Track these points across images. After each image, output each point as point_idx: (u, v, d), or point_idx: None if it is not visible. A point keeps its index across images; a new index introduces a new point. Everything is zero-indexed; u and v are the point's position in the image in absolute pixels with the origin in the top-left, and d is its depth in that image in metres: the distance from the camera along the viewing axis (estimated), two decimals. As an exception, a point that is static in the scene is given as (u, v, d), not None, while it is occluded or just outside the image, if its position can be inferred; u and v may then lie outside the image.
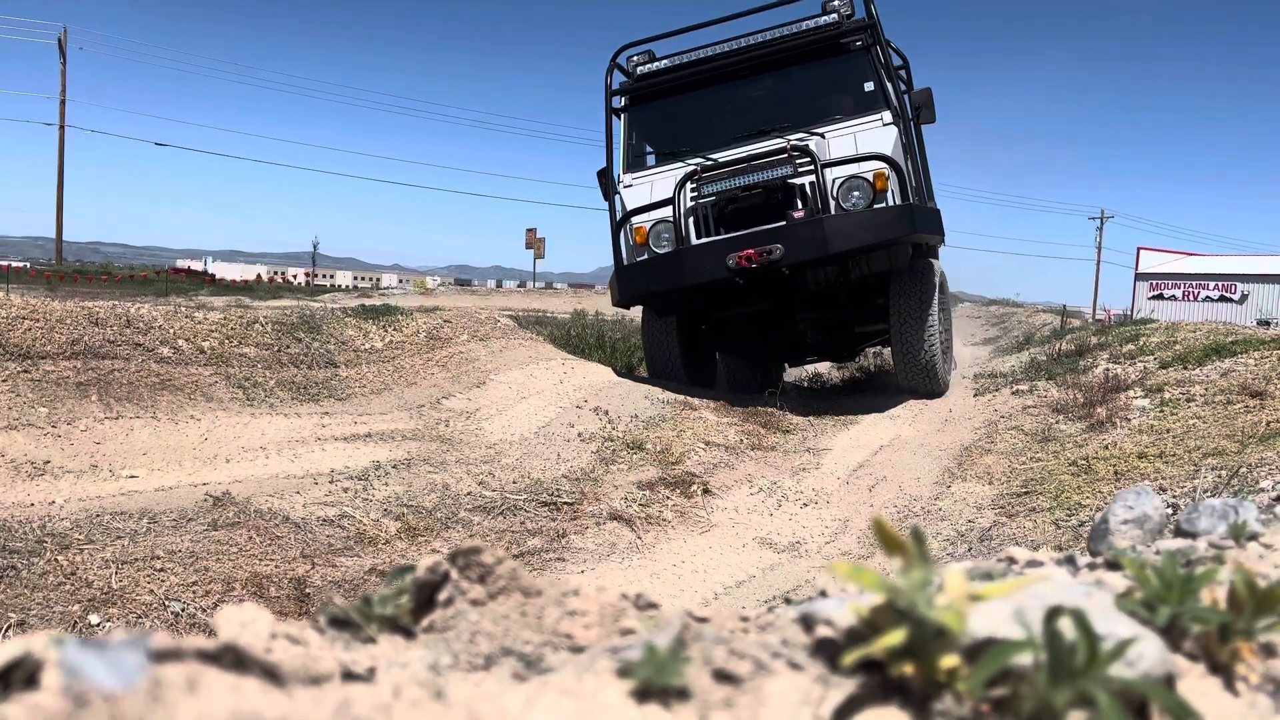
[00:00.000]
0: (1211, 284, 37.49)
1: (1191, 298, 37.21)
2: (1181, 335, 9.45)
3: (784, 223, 8.11)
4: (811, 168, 8.04)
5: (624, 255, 8.94)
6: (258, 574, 4.05)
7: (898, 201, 7.99)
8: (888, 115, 8.42)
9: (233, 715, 0.52)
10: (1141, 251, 39.57)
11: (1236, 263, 38.80)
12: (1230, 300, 36.40)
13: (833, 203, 8.08)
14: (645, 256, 8.80)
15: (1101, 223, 44.67)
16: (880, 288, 9.12)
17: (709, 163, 8.56)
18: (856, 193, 8.02)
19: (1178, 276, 38.33)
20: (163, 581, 3.88)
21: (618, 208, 9.10)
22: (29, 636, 0.63)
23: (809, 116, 8.77)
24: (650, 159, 9.63)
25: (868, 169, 8.03)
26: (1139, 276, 38.82)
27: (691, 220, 8.54)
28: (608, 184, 9.34)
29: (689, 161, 8.77)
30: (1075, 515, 5.49)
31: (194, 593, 3.79)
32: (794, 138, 8.47)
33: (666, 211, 8.48)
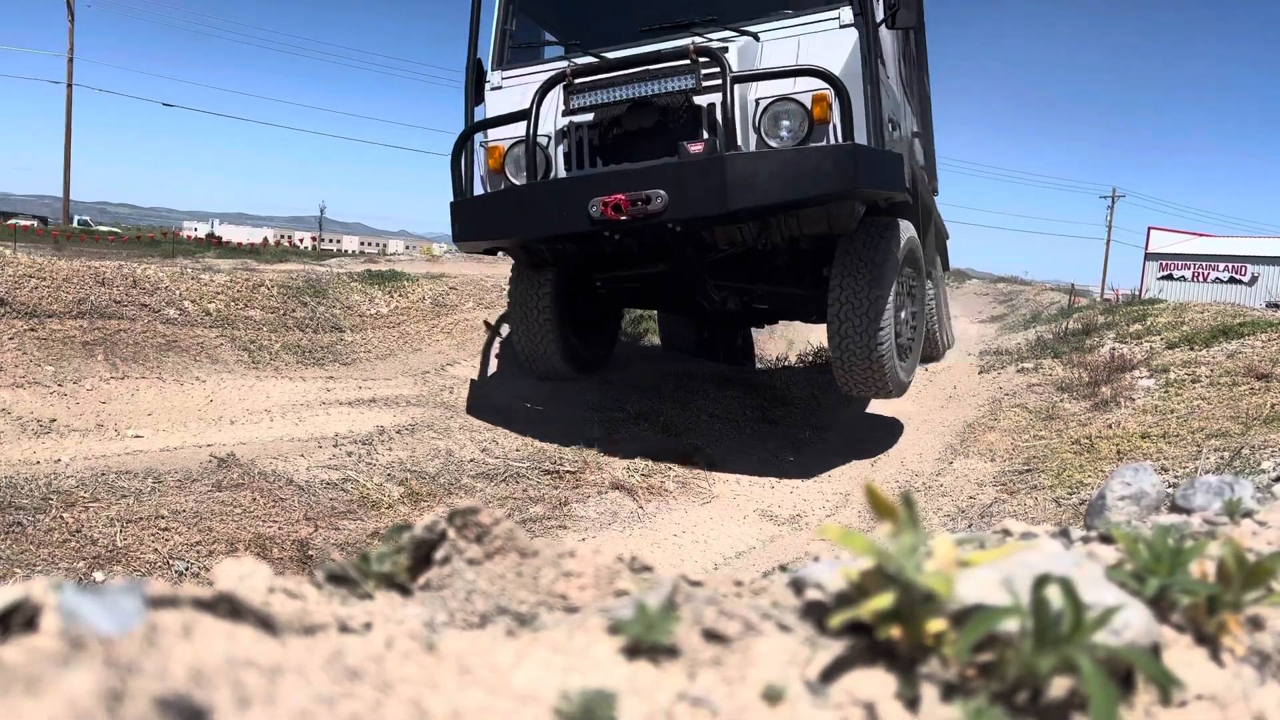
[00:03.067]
0: (1221, 265, 37.32)
1: (1201, 279, 37.06)
2: (1189, 316, 9.42)
3: (674, 158, 5.69)
4: (720, 82, 5.60)
5: (469, 183, 6.59)
6: (261, 535, 4.08)
7: (840, 138, 5.55)
8: (847, 13, 5.90)
9: (226, 661, 0.53)
10: (1152, 231, 39.37)
11: (1247, 244, 38.60)
12: (1240, 282, 36.25)
13: (753, 135, 5.80)
14: (503, 187, 6.50)
15: (1113, 202, 44.41)
16: (828, 252, 6.68)
17: (589, 63, 6.09)
18: (786, 122, 5.73)
19: (1187, 257, 38.16)
20: (167, 540, 3.91)
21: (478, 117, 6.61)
22: (29, 582, 0.64)
23: (746, 7, 6.33)
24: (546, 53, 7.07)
25: (804, 89, 5.66)
26: (1148, 256, 38.64)
27: (563, 145, 6.22)
28: (475, 84, 6.75)
29: (575, 60, 6.32)
30: (1077, 494, 5.50)
31: (198, 552, 3.82)
32: (716, 37, 6.08)
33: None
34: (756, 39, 5.99)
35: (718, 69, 5.58)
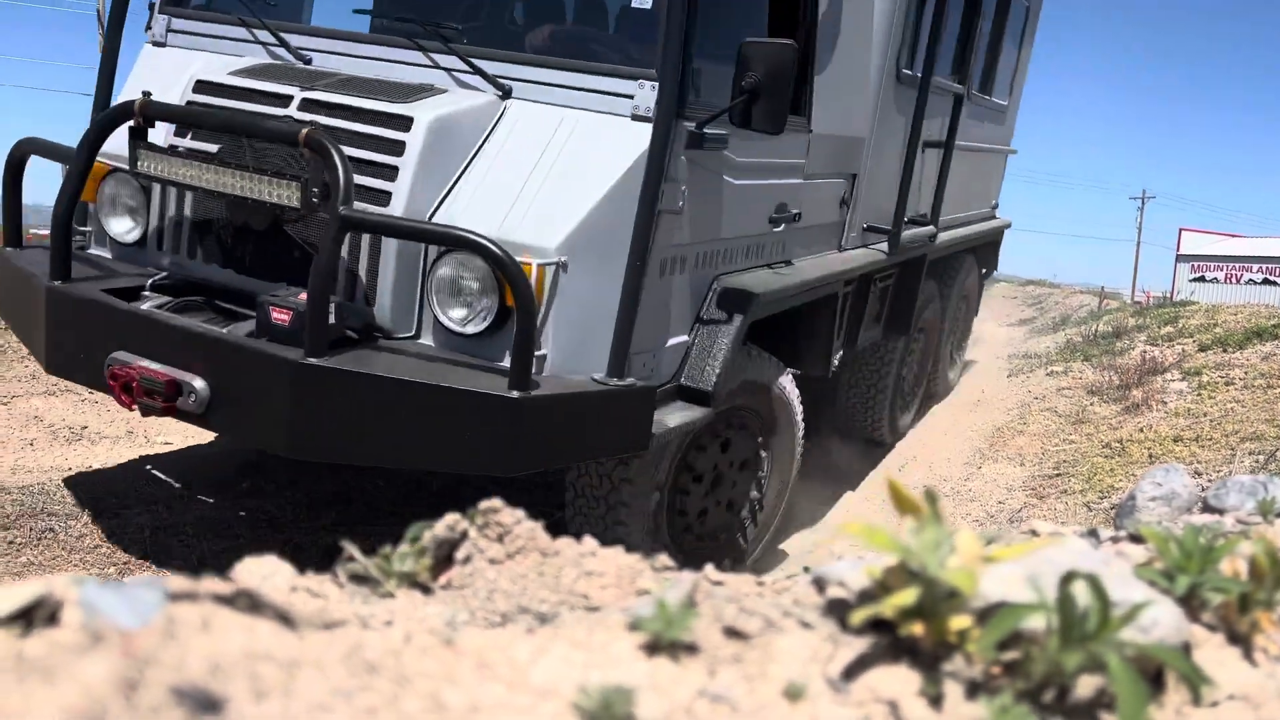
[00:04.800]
0: (1255, 266, 36.76)
1: (1234, 280, 36.52)
2: (1222, 318, 9.29)
3: (224, 332, 3.30)
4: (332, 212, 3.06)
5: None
6: (291, 541, 4.12)
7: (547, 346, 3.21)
8: (647, 95, 3.30)
9: (243, 653, 0.54)
10: (1183, 232, 38.86)
11: (1282, 245, 38.02)
12: (1274, 284, 35.71)
13: (407, 299, 3.37)
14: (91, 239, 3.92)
15: (1143, 203, 43.95)
16: None
17: (207, 82, 3.66)
18: (470, 290, 3.20)
19: (1220, 259, 37.63)
20: (196, 547, 3.96)
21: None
22: (52, 577, 0.65)
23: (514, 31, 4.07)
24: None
25: (506, 244, 3.02)
26: (1180, 258, 38.14)
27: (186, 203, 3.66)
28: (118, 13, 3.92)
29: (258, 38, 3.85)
30: (1108, 498, 5.44)
31: (229, 559, 3.86)
32: (445, 66, 3.59)
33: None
34: (506, 94, 3.44)
35: (320, 187, 3.02)
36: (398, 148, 3.29)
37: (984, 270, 8.76)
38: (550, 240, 3.15)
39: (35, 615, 0.61)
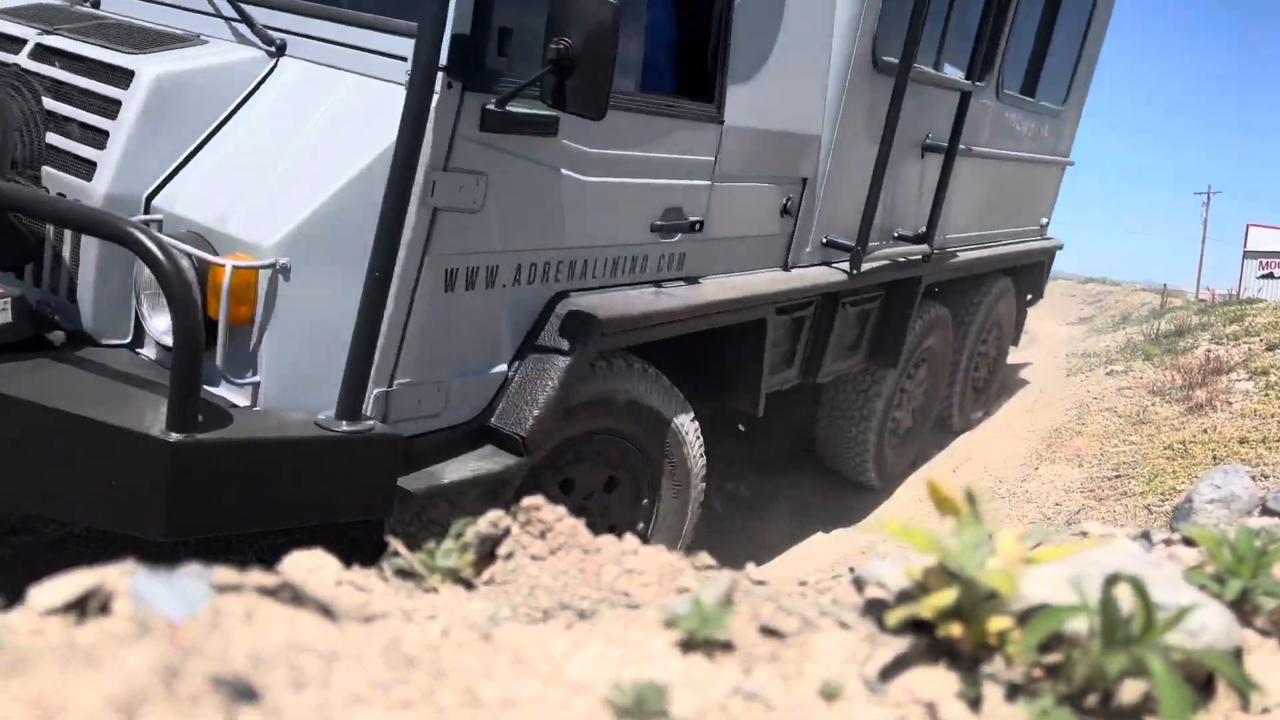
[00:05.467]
0: (1328, 263, 35.60)
1: (1305, 278, 35.39)
2: (1291, 316, 9.01)
3: None
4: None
5: None
6: (348, 536, 4.18)
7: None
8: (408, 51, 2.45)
9: (285, 645, 0.55)
10: (1251, 228, 37.72)
11: (1356, 241, 36.73)
12: (1348, 281, 34.53)
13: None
14: None
15: (1208, 198, 42.78)
16: None
17: None
18: (161, 318, 2.59)
19: (1290, 255, 36.48)
20: (256, 543, 4.03)
21: None
22: (104, 568, 0.67)
23: None
24: None
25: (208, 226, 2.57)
26: (1247, 254, 37.02)
27: None
28: None
29: None
30: (1169, 500, 5.31)
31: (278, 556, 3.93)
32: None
33: None
34: (279, 50, 2.85)
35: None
36: (111, 108, 2.67)
37: (1028, 297, 7.65)
38: (267, 236, 2.45)
39: (89, 604, 0.63)
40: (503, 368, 3.01)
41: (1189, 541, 1.09)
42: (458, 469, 2.83)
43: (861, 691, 0.66)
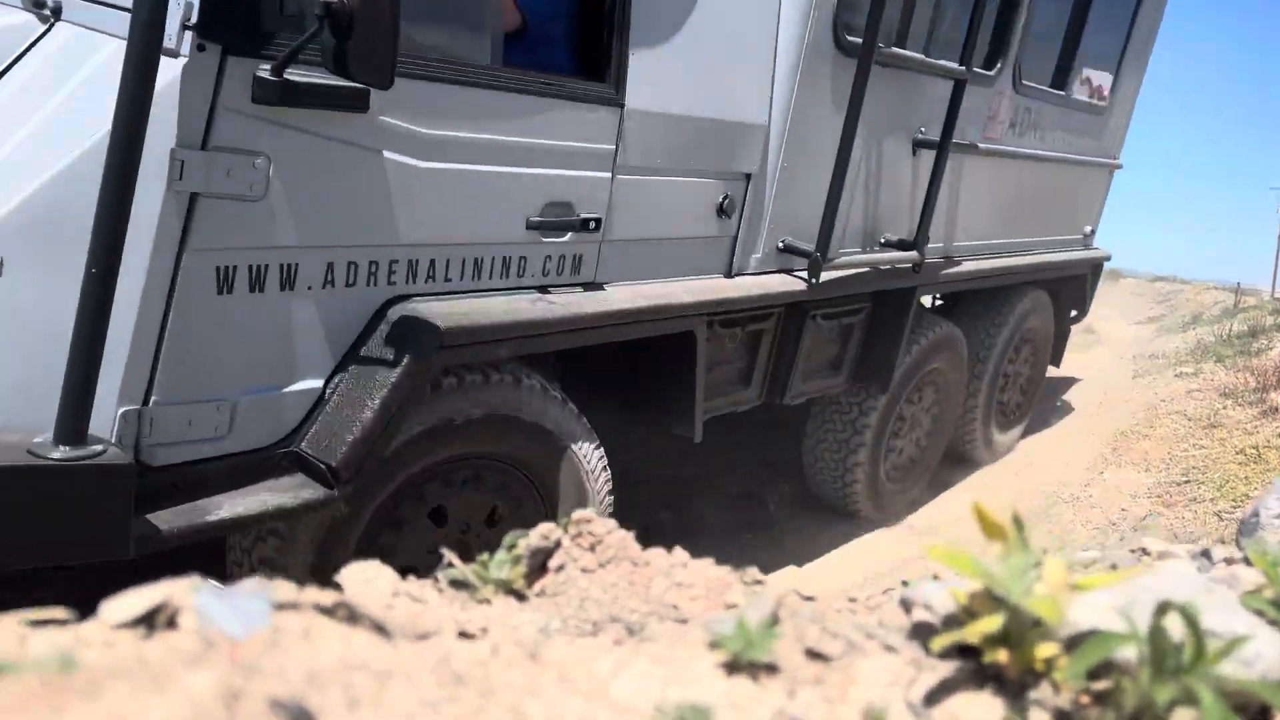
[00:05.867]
0: None
1: (1389, 275, 34.04)
2: (1373, 316, 8.69)
3: None
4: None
5: None
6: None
7: None
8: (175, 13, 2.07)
9: (340, 664, 0.57)
10: (1332, 224, 36.42)
11: None
12: None
13: None
14: None
15: (1286, 193, 41.34)
16: None
17: None
18: None
19: (1374, 251, 35.10)
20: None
21: None
22: (172, 582, 0.70)
23: None
24: None
25: None
26: (1328, 251, 35.75)
27: None
28: None
29: None
30: (1241, 507, 5.16)
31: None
32: None
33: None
34: (55, 13, 2.41)
35: None
36: None
37: (1072, 313, 6.94)
38: None
39: (156, 618, 0.66)
40: (316, 384, 2.58)
41: (1251, 561, 1.06)
42: (239, 503, 2.39)
43: (906, 716, 0.66)
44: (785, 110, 3.66)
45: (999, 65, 4.80)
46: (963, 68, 4.19)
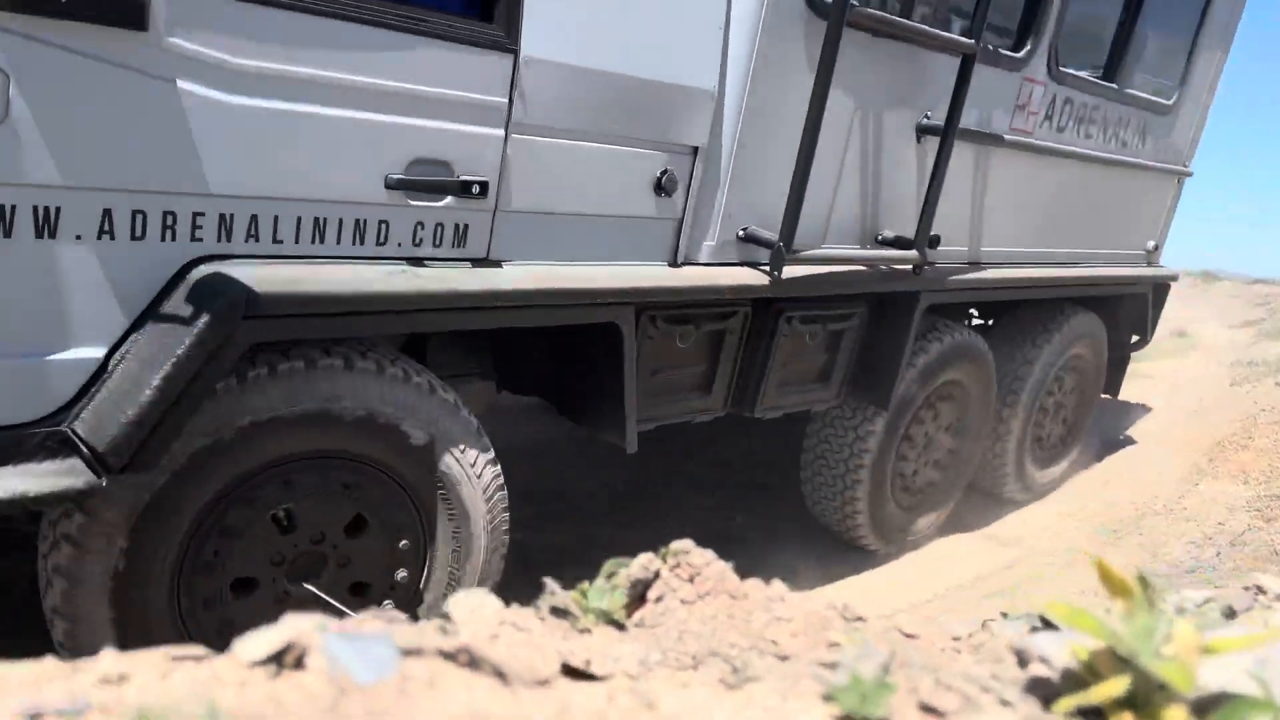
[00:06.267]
0: None
1: None
2: None
3: None
4: None
5: None
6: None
7: None
8: None
9: (468, 713, 0.58)
10: None
11: None
12: None
13: None
14: None
15: (1397, 189, 39.29)
16: None
17: None
18: None
19: None
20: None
21: None
22: (297, 619, 0.72)
23: None
24: None
25: None
26: None
27: None
28: None
29: None
30: (1347, 524, 4.94)
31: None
32: None
33: None
34: None
35: None
36: None
37: (1132, 339, 6.18)
38: None
39: (285, 658, 0.68)
40: (95, 353, 2.22)
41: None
42: None
43: (1026, 778, 0.65)
44: (743, 77, 3.18)
45: (1029, 46, 4.20)
46: (971, 40, 3.63)
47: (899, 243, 3.88)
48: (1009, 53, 4.11)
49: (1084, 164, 4.89)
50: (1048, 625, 1.06)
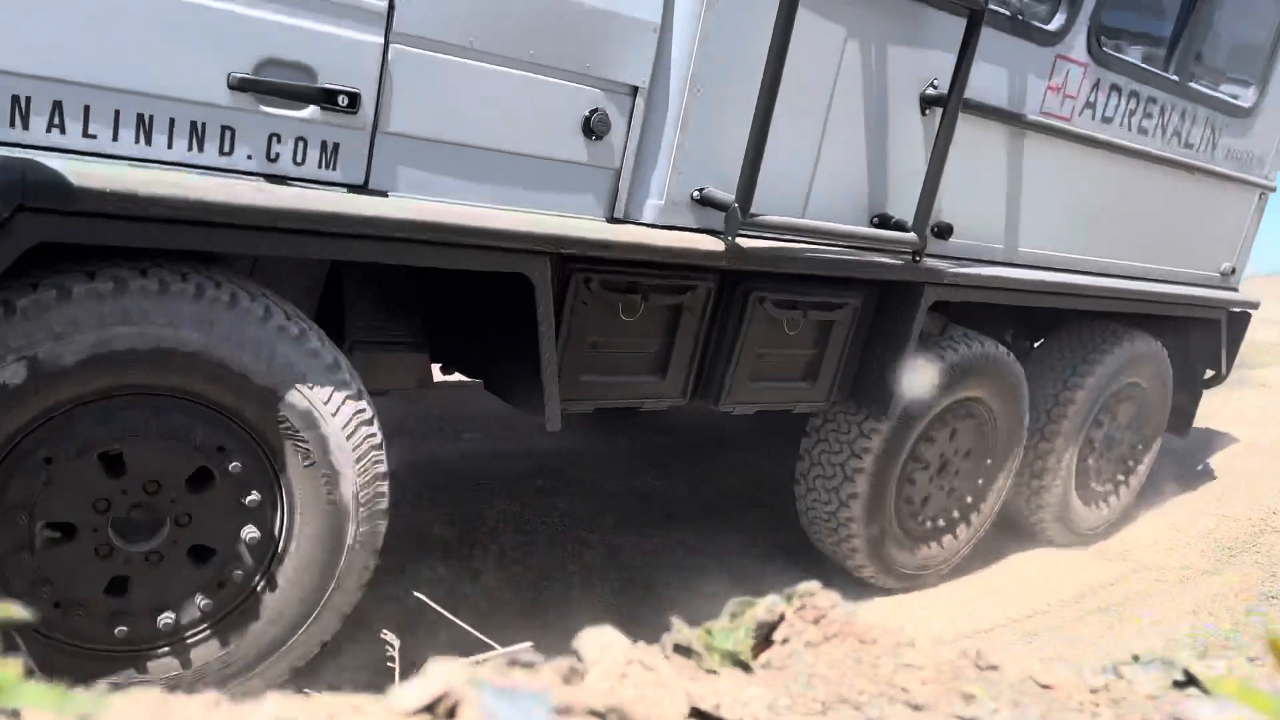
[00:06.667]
0: None
1: None
2: None
3: None
4: None
5: None
6: (578, 538, 4.39)
7: None
8: None
9: (623, 781, 0.59)
10: None
11: None
12: None
13: None
14: None
15: None
16: None
17: None
18: None
19: None
20: (498, 539, 4.30)
21: None
22: (446, 666, 0.74)
23: None
24: None
25: None
26: None
27: None
28: None
29: None
30: None
31: (527, 553, 4.17)
32: None
33: None
34: None
35: None
36: None
37: (1206, 374, 5.52)
38: None
39: (438, 707, 0.69)
40: None
41: None
42: None
43: None
44: (695, 10, 2.78)
45: (1063, 20, 3.70)
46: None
47: (898, 226, 3.46)
48: (1039, 24, 3.64)
49: (1138, 163, 4.33)
50: (1190, 679, 1.01)
